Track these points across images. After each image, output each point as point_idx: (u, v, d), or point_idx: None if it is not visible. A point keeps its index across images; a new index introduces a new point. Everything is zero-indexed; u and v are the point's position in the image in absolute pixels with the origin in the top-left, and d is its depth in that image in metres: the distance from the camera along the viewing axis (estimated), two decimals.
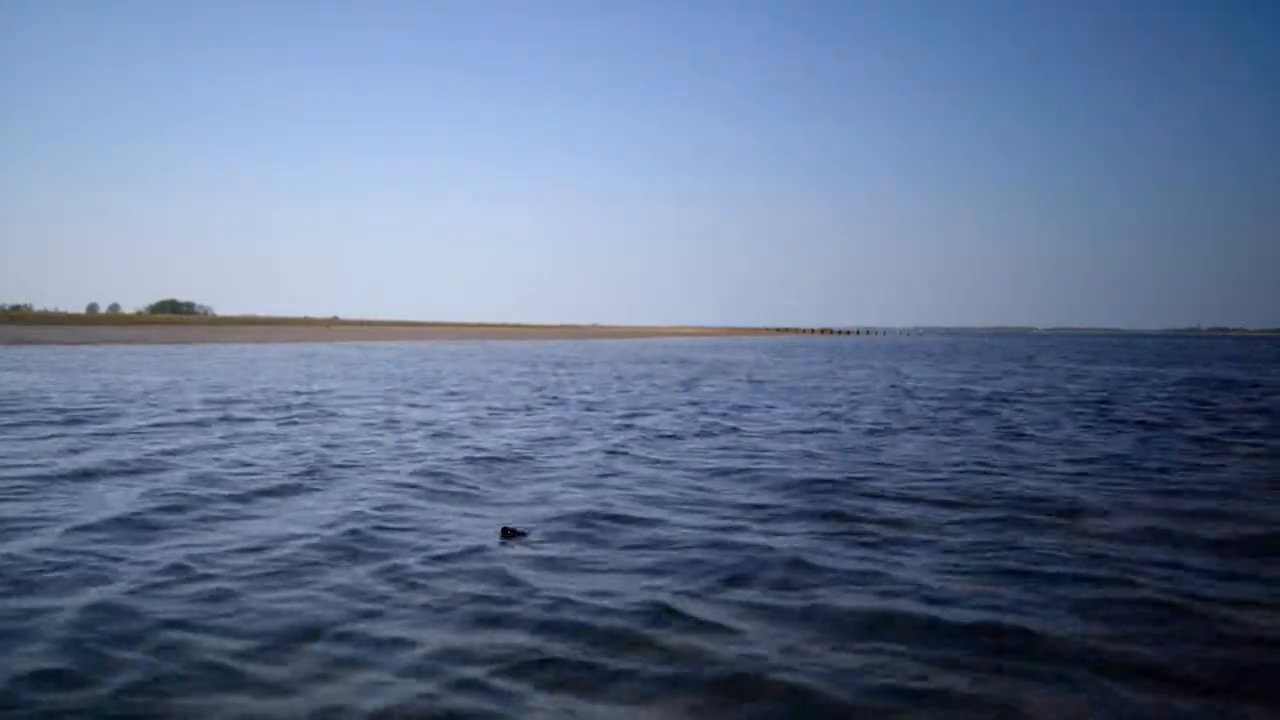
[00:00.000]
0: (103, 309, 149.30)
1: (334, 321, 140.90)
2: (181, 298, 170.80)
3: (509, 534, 6.33)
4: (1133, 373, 31.38)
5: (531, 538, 6.30)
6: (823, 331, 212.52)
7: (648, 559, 5.78)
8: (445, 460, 9.54)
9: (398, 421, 13.20)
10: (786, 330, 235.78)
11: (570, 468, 9.28)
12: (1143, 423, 14.44)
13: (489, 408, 15.70)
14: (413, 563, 5.56)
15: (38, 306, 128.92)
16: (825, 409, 16.37)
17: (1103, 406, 17.53)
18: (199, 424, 12.39)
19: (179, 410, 14.20)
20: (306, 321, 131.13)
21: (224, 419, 12.98)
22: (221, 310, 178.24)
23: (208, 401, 15.81)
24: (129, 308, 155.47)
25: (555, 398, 18.15)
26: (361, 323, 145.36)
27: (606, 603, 4.82)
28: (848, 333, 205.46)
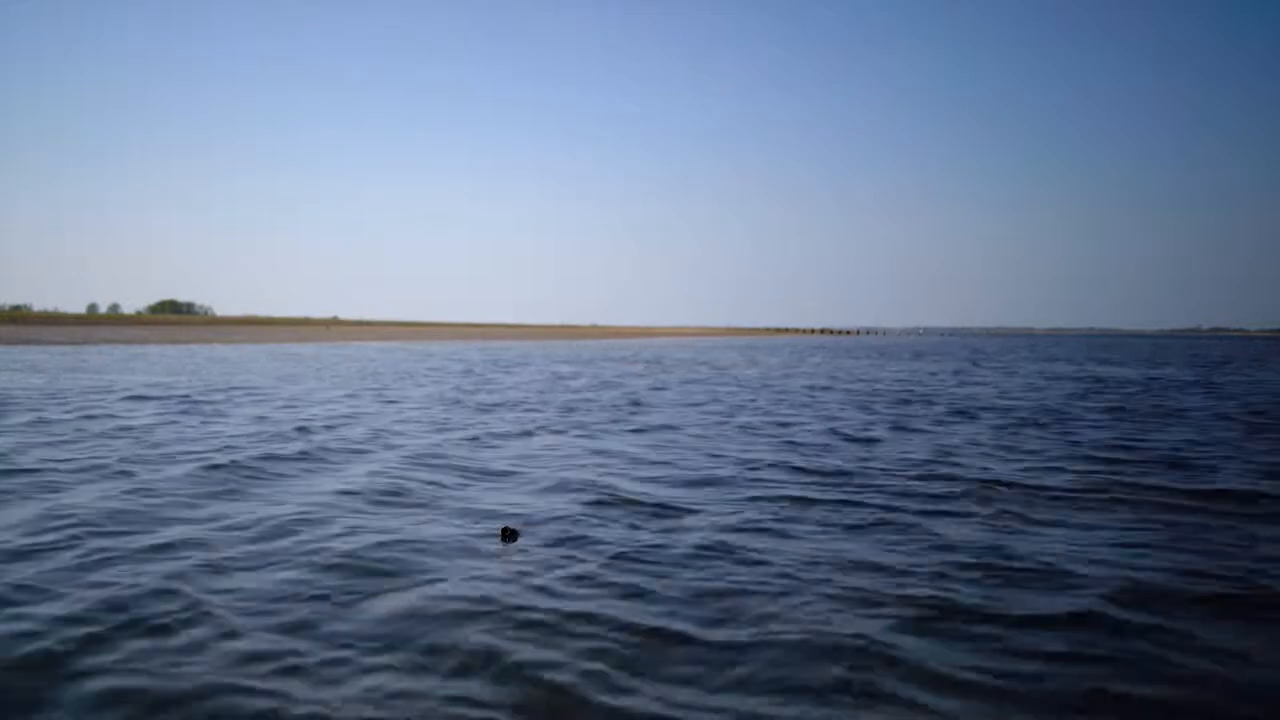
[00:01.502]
0: (103, 309, 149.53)
1: (334, 322, 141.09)
2: (181, 298, 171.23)
3: (508, 534, 6.22)
4: (1043, 371, 31.66)
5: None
6: (822, 331, 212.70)
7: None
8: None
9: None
10: (786, 330, 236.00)
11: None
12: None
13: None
14: None
15: (38, 306, 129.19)
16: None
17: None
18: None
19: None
20: (306, 322, 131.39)
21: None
22: (222, 310, 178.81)
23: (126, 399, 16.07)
24: (129, 308, 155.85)
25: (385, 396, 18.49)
26: (361, 323, 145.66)
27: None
28: (847, 333, 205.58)
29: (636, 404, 16.70)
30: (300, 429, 11.78)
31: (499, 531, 6.27)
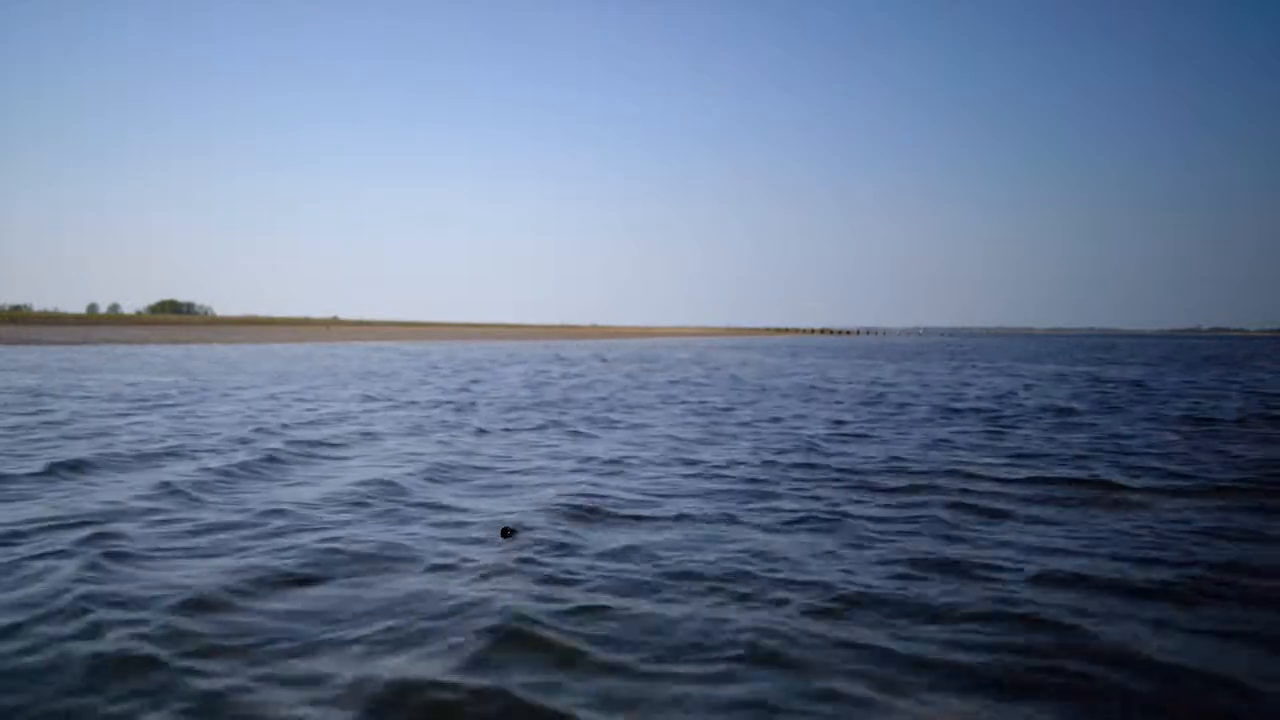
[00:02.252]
0: (103, 309, 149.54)
1: (334, 322, 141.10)
2: (181, 298, 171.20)
3: (507, 533, 6.23)
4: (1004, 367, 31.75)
5: None
6: (822, 331, 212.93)
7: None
8: None
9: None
10: (786, 330, 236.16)
11: None
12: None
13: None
14: None
15: (38, 306, 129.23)
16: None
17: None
18: None
19: None
20: (306, 322, 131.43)
21: None
22: (222, 310, 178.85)
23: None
24: (129, 308, 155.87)
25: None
26: (361, 323, 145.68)
27: None
28: (846, 333, 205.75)
29: (549, 404, 16.82)
30: (200, 425, 12.28)
31: (499, 531, 6.29)
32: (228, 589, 4.97)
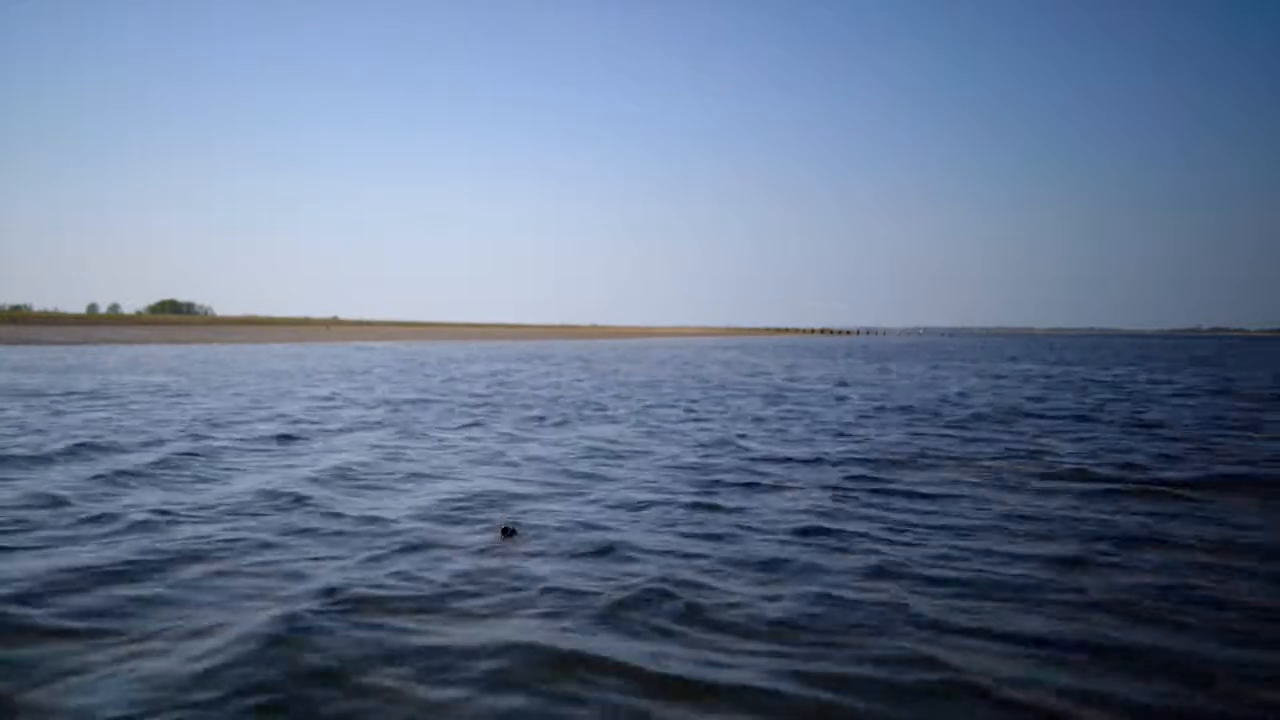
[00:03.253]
0: (103, 309, 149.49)
1: (334, 322, 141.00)
2: (181, 298, 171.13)
3: (507, 533, 6.30)
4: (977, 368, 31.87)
5: None
6: (821, 332, 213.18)
7: None
8: None
9: None
10: (785, 330, 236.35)
11: None
12: None
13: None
14: None
15: (38, 306, 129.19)
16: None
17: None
18: None
19: None
20: (306, 322, 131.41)
21: None
22: (222, 310, 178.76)
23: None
24: (129, 308, 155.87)
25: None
26: (361, 323, 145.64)
27: None
28: (846, 333, 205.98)
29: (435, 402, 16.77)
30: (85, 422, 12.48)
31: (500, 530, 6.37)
32: None
